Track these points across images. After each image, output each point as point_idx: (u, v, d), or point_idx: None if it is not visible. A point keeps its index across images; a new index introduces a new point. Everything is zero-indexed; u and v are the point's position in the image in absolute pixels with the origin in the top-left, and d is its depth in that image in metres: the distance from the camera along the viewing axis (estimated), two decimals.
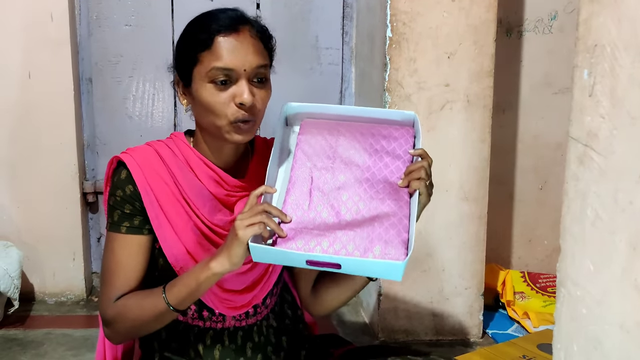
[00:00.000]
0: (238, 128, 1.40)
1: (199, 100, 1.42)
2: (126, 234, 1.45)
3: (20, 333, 2.65)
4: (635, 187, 0.70)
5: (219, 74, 1.38)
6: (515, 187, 3.07)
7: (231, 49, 1.39)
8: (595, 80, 0.75)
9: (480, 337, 2.65)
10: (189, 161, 1.49)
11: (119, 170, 1.47)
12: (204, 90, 1.40)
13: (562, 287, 0.87)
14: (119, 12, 2.95)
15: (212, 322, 1.52)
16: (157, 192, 1.45)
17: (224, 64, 1.38)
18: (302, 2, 3.05)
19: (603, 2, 0.73)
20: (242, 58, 1.39)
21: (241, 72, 1.39)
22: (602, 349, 0.78)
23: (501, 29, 2.89)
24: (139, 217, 1.45)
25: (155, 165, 1.46)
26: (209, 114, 1.41)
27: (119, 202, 1.45)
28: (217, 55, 1.39)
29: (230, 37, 1.40)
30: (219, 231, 1.48)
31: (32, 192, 2.90)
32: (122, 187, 1.45)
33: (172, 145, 1.52)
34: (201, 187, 1.48)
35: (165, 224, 1.45)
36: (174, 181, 1.46)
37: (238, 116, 1.39)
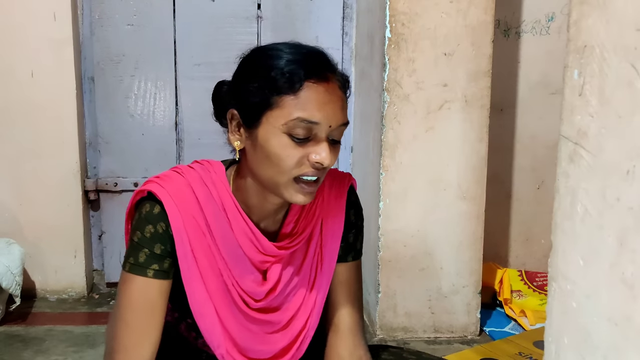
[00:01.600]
0: (301, 188, 1.21)
1: (264, 148, 1.20)
2: (153, 279, 1.24)
3: (21, 330, 2.67)
4: (623, 184, 0.72)
5: (302, 126, 1.17)
6: (513, 187, 3.09)
7: (320, 100, 1.18)
8: (585, 80, 0.77)
9: (477, 334, 2.67)
10: (227, 210, 1.29)
11: (150, 204, 1.25)
12: (276, 139, 1.19)
13: (554, 282, 0.89)
14: (121, 11, 2.97)
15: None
16: (193, 242, 1.26)
17: (310, 116, 1.17)
18: (302, 3, 3.07)
19: (592, 4, 0.75)
20: (330, 113, 1.19)
21: (325, 129, 1.19)
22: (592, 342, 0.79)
23: (499, 30, 2.92)
24: (168, 259, 1.25)
25: (191, 209, 1.26)
26: (272, 166, 1.20)
27: (148, 240, 1.24)
28: (303, 105, 1.17)
29: (321, 86, 1.19)
30: (247, 300, 1.32)
31: (34, 189, 2.92)
32: (154, 224, 1.24)
33: (208, 182, 1.29)
34: (236, 245, 1.29)
35: (197, 279, 1.27)
36: (209, 231, 1.27)
37: (307, 172, 1.20)
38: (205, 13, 3.02)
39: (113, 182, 3.05)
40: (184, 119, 3.07)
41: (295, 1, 3.07)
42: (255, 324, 1.35)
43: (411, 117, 2.49)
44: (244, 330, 1.33)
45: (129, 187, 3.06)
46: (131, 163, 3.07)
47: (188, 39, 3.02)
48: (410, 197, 2.54)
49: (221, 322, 1.30)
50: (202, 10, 3.01)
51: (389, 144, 2.50)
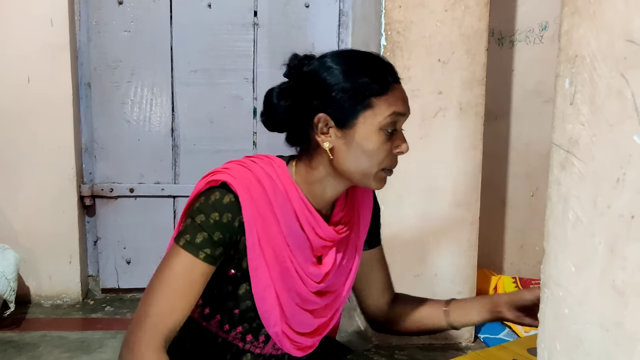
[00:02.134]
0: (384, 177, 1.39)
1: (361, 146, 1.34)
2: (202, 261, 1.32)
3: (15, 335, 2.67)
4: (613, 191, 0.72)
5: (394, 120, 1.35)
6: (507, 194, 3.11)
7: (403, 96, 1.39)
8: (576, 89, 0.78)
9: (472, 341, 2.67)
10: (292, 199, 1.40)
11: (221, 193, 1.34)
12: (374, 136, 1.34)
13: (546, 288, 0.89)
14: (118, 18, 2.98)
15: (252, 346, 1.49)
16: (261, 232, 1.35)
17: (402, 110, 1.36)
18: (298, 11, 3.09)
19: (583, 14, 0.76)
20: (407, 105, 1.40)
21: (404, 120, 1.40)
22: (584, 348, 0.80)
23: (493, 38, 2.94)
24: (221, 247, 1.33)
25: (261, 201, 1.36)
26: (366, 160, 1.35)
27: (211, 225, 1.32)
28: (394, 102, 1.35)
29: (399, 85, 1.39)
30: (308, 282, 1.43)
31: (29, 195, 2.92)
32: (221, 212, 1.33)
33: (273, 174, 1.40)
34: (301, 234, 1.40)
35: (262, 266, 1.37)
36: (277, 221, 1.37)
37: (392, 164, 1.38)
38: (202, 20, 3.03)
39: (109, 188, 3.06)
40: (180, 125, 3.07)
41: (291, 9, 3.08)
42: (311, 304, 1.46)
43: (406, 124, 2.49)
44: (298, 310, 1.44)
45: (125, 193, 3.06)
46: (127, 169, 3.07)
47: (185, 45, 3.03)
48: (405, 203, 2.55)
49: (280, 305, 1.40)
50: (198, 17, 3.02)
51: None
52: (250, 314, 1.43)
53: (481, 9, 2.47)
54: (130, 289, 3.16)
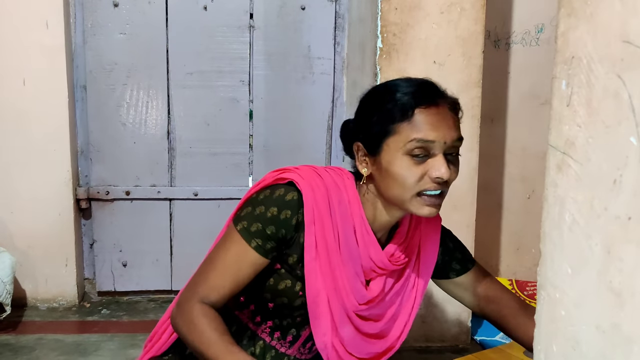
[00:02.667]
0: (425, 201, 1.36)
1: (387, 171, 1.37)
2: (252, 249, 1.39)
3: (12, 338, 2.66)
4: (610, 193, 0.72)
5: (419, 146, 1.33)
6: (504, 196, 3.11)
7: (432, 122, 1.34)
8: (573, 90, 0.78)
9: (468, 343, 2.67)
10: (353, 214, 1.43)
11: (286, 189, 1.40)
12: (398, 161, 1.35)
13: (542, 290, 0.89)
14: (114, 20, 2.98)
15: (278, 343, 1.51)
16: (319, 234, 1.39)
17: (425, 136, 1.33)
18: (294, 13, 3.09)
19: (580, 16, 0.76)
20: (443, 131, 1.34)
21: (440, 146, 1.34)
22: (580, 350, 0.80)
23: (489, 40, 2.94)
24: (272, 242, 1.39)
25: (324, 205, 1.40)
26: (397, 185, 1.36)
27: (267, 218, 1.38)
28: (418, 127, 1.33)
29: (430, 109, 1.35)
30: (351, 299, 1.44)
31: (25, 197, 2.92)
32: (280, 208, 1.38)
33: (341, 185, 1.45)
34: (355, 248, 1.43)
35: (317, 268, 1.40)
36: (336, 229, 1.41)
37: (428, 187, 1.35)
38: (198, 22, 3.03)
39: (105, 191, 3.05)
40: (176, 127, 3.07)
41: (287, 11, 3.08)
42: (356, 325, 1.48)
43: None
44: (347, 326, 1.46)
45: (121, 196, 3.06)
46: (123, 171, 3.07)
47: (180, 47, 3.03)
48: None
49: (331, 312, 1.42)
50: (194, 19, 3.02)
51: None
52: (284, 311, 1.45)
53: (477, 11, 2.47)
54: (126, 292, 3.16)
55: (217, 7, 3.04)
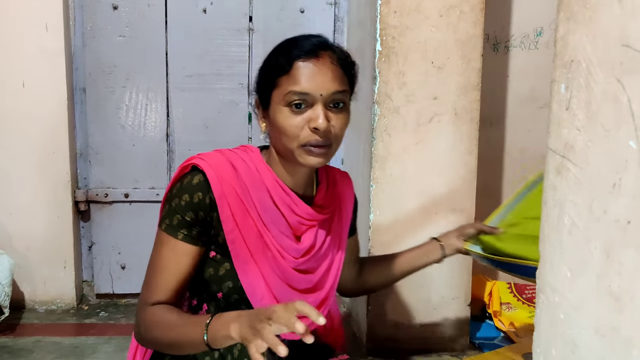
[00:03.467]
0: (310, 151, 1.41)
1: (274, 123, 1.43)
2: (181, 241, 1.43)
3: (10, 341, 2.66)
4: (609, 196, 0.72)
5: (295, 97, 1.38)
6: (502, 199, 3.10)
7: (309, 74, 1.39)
8: (572, 94, 0.78)
9: (467, 346, 2.67)
10: (265, 180, 1.48)
11: (192, 175, 1.44)
12: (279, 113, 1.41)
13: (541, 293, 0.89)
14: (113, 23, 2.98)
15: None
16: (233, 206, 1.43)
17: (300, 88, 1.38)
18: (293, 16, 3.09)
19: (579, 20, 0.77)
20: (319, 83, 1.39)
21: (317, 97, 1.39)
22: (579, 353, 0.80)
23: (488, 44, 2.94)
24: (197, 227, 1.43)
25: (230, 178, 1.44)
26: (282, 136, 1.42)
27: (182, 207, 1.42)
28: (294, 80, 1.39)
29: (309, 62, 1.40)
30: (286, 256, 1.48)
31: (24, 200, 2.91)
32: (191, 193, 1.42)
33: (246, 158, 1.50)
34: (274, 210, 1.47)
35: (239, 239, 1.44)
36: (248, 197, 1.45)
37: (310, 140, 1.40)
38: (197, 25, 3.03)
39: (104, 193, 3.05)
40: (175, 130, 3.07)
41: (286, 14, 3.08)
42: (293, 282, 1.51)
43: (401, 129, 2.50)
44: (284, 286, 1.50)
45: (120, 198, 3.06)
46: (122, 174, 3.06)
47: (180, 50, 3.03)
48: (400, 208, 2.55)
49: (264, 277, 1.46)
50: (194, 22, 3.02)
51: (379, 156, 2.51)
52: (234, 296, 1.46)
53: (476, 15, 2.47)
54: (124, 294, 3.15)
55: (216, 10, 3.04)
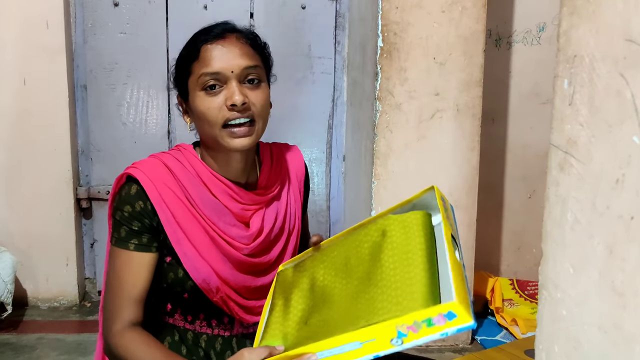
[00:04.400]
0: (232, 133, 1.39)
1: (194, 111, 1.43)
2: (134, 251, 1.41)
3: (13, 338, 2.66)
4: (612, 192, 0.72)
5: (208, 79, 1.39)
6: (505, 196, 3.10)
7: (217, 54, 1.41)
8: (575, 89, 0.78)
9: (469, 343, 2.67)
10: (201, 175, 1.47)
11: (128, 185, 1.43)
12: (197, 99, 1.41)
13: (544, 290, 0.89)
14: (114, 20, 2.98)
15: (220, 330, 1.53)
16: (172, 207, 1.41)
17: (211, 69, 1.39)
18: (295, 12, 3.08)
19: (582, 14, 0.76)
20: (228, 61, 1.41)
21: (229, 75, 1.40)
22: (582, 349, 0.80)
23: (490, 39, 2.94)
24: (146, 234, 1.42)
25: (166, 180, 1.43)
26: (204, 123, 1.41)
27: (127, 218, 1.41)
28: (204, 62, 1.41)
29: (216, 43, 1.42)
30: (237, 245, 1.48)
31: (26, 197, 2.91)
32: (131, 203, 1.41)
33: (180, 157, 1.49)
34: (215, 202, 1.46)
35: (184, 239, 1.43)
36: (187, 196, 1.44)
37: (229, 117, 1.38)
38: (198, 22, 2.98)
39: (105, 190, 3.05)
40: (177, 127, 3.07)
41: (287, 10, 3.08)
42: (247, 268, 1.50)
43: (403, 125, 2.50)
44: (237, 274, 1.48)
45: None
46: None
47: (181, 47, 3.01)
48: None
49: (215, 271, 1.44)
50: (195, 18, 3.02)
51: (381, 153, 2.50)
52: (199, 293, 1.46)
53: (478, 10, 2.47)
54: None
55: (217, 6, 3.03)
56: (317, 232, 2.90)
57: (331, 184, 3.23)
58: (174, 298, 1.48)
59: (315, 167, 3.19)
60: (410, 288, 1.07)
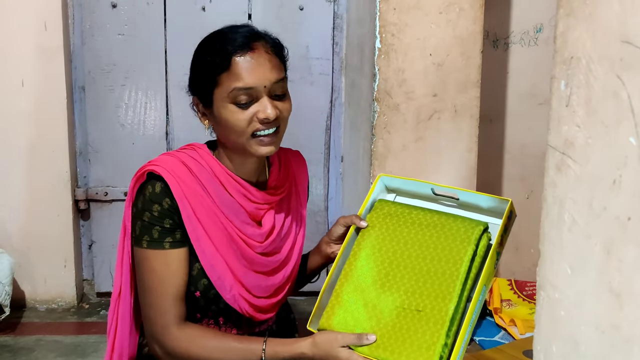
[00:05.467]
0: (261, 141, 1.43)
1: (220, 120, 1.43)
2: (170, 249, 1.42)
3: (10, 340, 2.66)
4: (609, 193, 0.72)
5: (241, 94, 1.39)
6: (503, 196, 3.10)
7: (249, 68, 1.41)
8: (572, 91, 0.78)
9: (467, 344, 2.67)
10: (217, 174, 1.49)
11: (152, 184, 1.42)
12: (225, 110, 1.41)
13: (542, 290, 0.89)
14: (112, 21, 2.98)
15: (227, 327, 1.54)
16: (194, 204, 1.43)
17: (244, 84, 1.39)
18: (293, 13, 3.08)
19: (578, 16, 0.76)
20: (260, 75, 1.41)
21: (261, 90, 1.41)
22: (579, 350, 0.80)
23: (488, 40, 2.94)
24: (179, 230, 1.43)
25: (187, 178, 1.44)
26: (230, 132, 1.42)
27: (157, 217, 1.41)
28: (236, 76, 1.40)
29: (247, 55, 1.41)
30: (251, 243, 1.50)
31: (24, 198, 2.91)
32: (159, 202, 1.41)
33: (196, 156, 1.50)
34: (231, 201, 1.48)
35: (203, 236, 1.44)
36: (207, 193, 1.46)
37: (258, 127, 1.41)
38: (196, 23, 3.02)
39: (103, 192, 3.05)
40: (175, 128, 3.07)
41: (285, 12, 3.08)
42: (259, 266, 1.53)
43: (401, 127, 2.50)
44: (250, 272, 1.51)
45: (120, 197, 3.05)
46: (121, 172, 3.06)
47: (179, 48, 3.03)
48: None
49: (230, 269, 1.46)
50: (192, 20, 3.02)
51: (378, 154, 2.51)
52: (211, 292, 1.47)
53: (476, 11, 2.47)
54: None
55: (215, 8, 3.03)
56: (314, 233, 2.90)
57: (329, 185, 3.23)
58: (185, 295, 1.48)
59: (313, 168, 3.19)
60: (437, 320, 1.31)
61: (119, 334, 1.55)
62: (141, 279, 1.45)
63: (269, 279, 1.55)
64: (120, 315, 1.54)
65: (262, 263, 1.53)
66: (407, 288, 1.32)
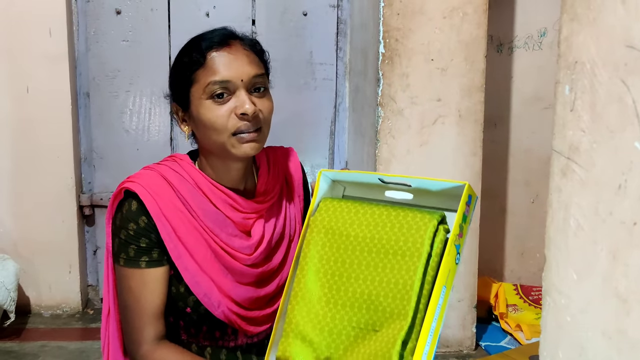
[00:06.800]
0: (241, 139, 1.36)
1: (199, 120, 1.38)
2: (146, 269, 1.38)
3: (15, 345, 2.66)
4: (615, 198, 0.72)
5: (217, 88, 1.35)
6: (507, 201, 3.10)
7: (225, 62, 1.37)
8: (576, 95, 0.78)
9: (473, 349, 2.66)
10: (200, 185, 1.43)
11: (128, 202, 1.38)
12: (202, 107, 1.36)
13: (548, 296, 0.89)
14: (117, 27, 2.98)
15: (224, 341, 1.51)
16: (173, 221, 1.38)
17: (220, 77, 1.35)
18: (296, 19, 3.09)
19: (582, 21, 0.76)
20: (237, 69, 1.37)
21: (239, 83, 1.36)
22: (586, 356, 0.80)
23: (492, 45, 2.94)
24: (156, 249, 1.38)
25: (165, 193, 1.39)
26: (210, 131, 1.36)
27: (133, 236, 1.37)
28: (212, 70, 1.36)
29: (223, 50, 1.38)
30: (239, 256, 1.45)
31: (29, 204, 2.92)
32: (135, 220, 1.37)
33: (177, 168, 1.44)
34: (216, 212, 1.43)
35: (185, 254, 1.39)
36: (187, 208, 1.40)
37: (240, 127, 1.35)
38: (200, 29, 2.98)
39: (108, 198, 3.05)
40: (179, 134, 3.07)
41: (289, 17, 3.08)
42: (249, 279, 1.47)
43: (405, 131, 2.50)
44: (239, 286, 1.46)
45: None
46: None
47: None
48: None
49: (216, 285, 1.42)
50: (197, 26, 2.99)
51: (383, 159, 2.50)
52: (201, 307, 1.44)
53: (480, 16, 2.47)
54: None
55: (219, 14, 3.04)
56: None
57: None
58: (177, 312, 1.46)
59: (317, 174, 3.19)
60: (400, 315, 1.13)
61: (112, 352, 1.51)
62: (119, 296, 1.43)
63: (261, 290, 1.50)
64: (111, 335, 1.50)
65: (252, 274, 1.48)
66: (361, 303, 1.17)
